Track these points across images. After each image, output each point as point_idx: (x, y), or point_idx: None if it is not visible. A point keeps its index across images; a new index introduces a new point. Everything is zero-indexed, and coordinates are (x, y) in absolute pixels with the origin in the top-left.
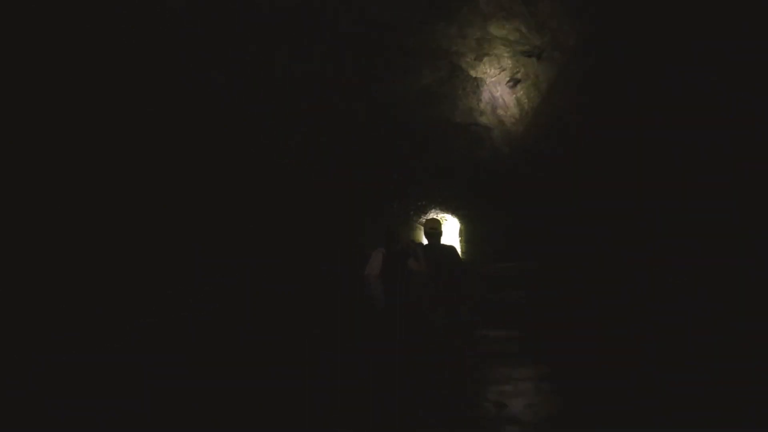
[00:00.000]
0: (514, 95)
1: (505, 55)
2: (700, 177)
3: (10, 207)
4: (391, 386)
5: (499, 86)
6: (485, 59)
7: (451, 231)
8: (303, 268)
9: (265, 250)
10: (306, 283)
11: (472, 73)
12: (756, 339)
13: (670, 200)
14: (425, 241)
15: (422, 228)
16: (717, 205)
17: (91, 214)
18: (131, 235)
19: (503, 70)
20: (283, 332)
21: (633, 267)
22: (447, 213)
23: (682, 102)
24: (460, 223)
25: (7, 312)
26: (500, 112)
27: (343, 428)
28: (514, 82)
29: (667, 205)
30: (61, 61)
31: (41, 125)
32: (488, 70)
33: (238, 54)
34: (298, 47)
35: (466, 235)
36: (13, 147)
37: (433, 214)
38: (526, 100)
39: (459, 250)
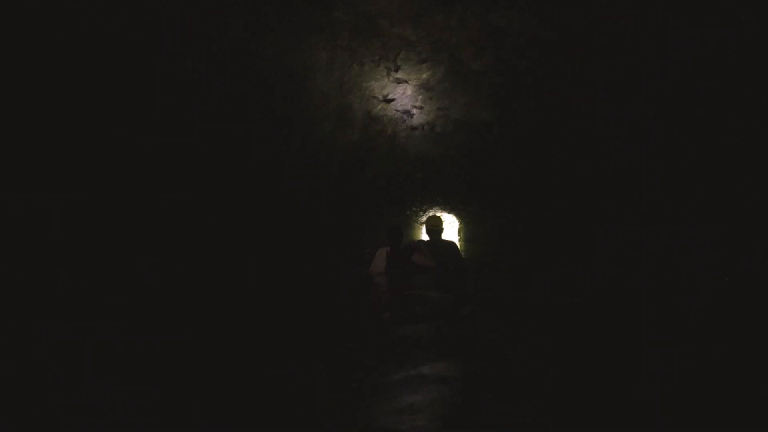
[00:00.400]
0: (516, 88)
1: (507, 46)
2: (700, 176)
3: (10, 207)
4: (391, 385)
5: (499, 79)
6: (486, 50)
7: (451, 230)
8: (302, 268)
9: (264, 250)
10: (305, 282)
11: (474, 66)
12: (756, 339)
13: (670, 200)
14: (426, 238)
15: (424, 225)
16: (716, 205)
17: (92, 215)
18: (130, 235)
19: (504, 61)
20: (283, 332)
21: (631, 267)
22: (446, 212)
23: (683, 102)
24: (459, 222)
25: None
26: (501, 106)
27: (343, 428)
28: (517, 75)
29: (667, 205)
30: (51, 60)
31: (42, 125)
32: (489, 62)
33: (238, 55)
34: (292, 43)
35: (465, 234)
36: (14, 147)
37: (433, 213)
38: (527, 93)
39: (459, 248)
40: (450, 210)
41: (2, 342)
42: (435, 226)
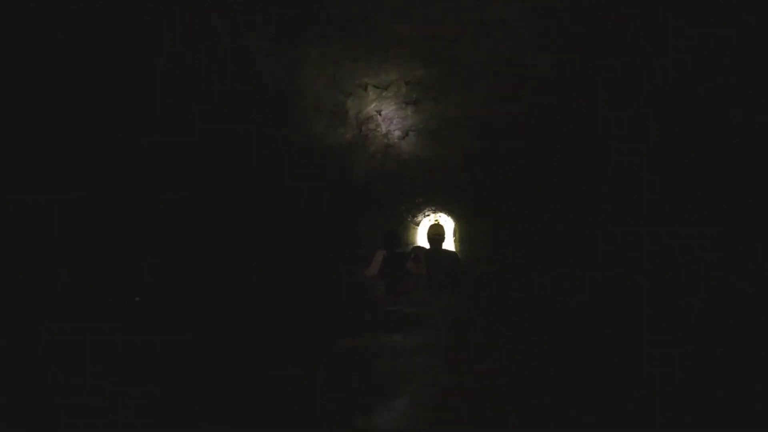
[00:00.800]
0: (513, 86)
1: (505, 41)
2: (700, 176)
3: (10, 207)
4: (390, 387)
5: (497, 76)
6: (483, 46)
7: (446, 229)
8: (302, 268)
9: (264, 250)
10: (305, 282)
11: (469, 60)
12: (756, 339)
13: (670, 200)
14: (428, 245)
15: (426, 232)
16: (716, 205)
17: (92, 215)
18: (130, 235)
19: (502, 56)
20: (283, 332)
21: (631, 267)
22: (442, 213)
23: (683, 102)
24: (454, 222)
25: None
26: (498, 105)
27: (342, 427)
28: (515, 72)
29: (667, 205)
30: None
31: (42, 125)
32: (486, 59)
33: (230, 51)
34: (283, 37)
35: (460, 234)
36: (14, 147)
37: (428, 214)
38: (526, 92)
39: (453, 249)
40: (445, 210)
41: (2, 342)
42: (437, 234)
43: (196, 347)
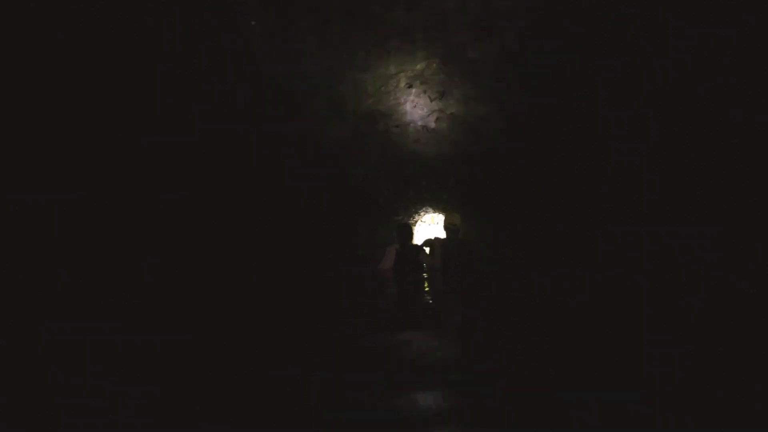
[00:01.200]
0: (517, 84)
1: (509, 33)
2: (700, 176)
3: (10, 207)
4: (390, 387)
5: (499, 70)
6: (486, 38)
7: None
8: (302, 268)
9: (264, 250)
10: (305, 282)
11: (471, 55)
12: (756, 339)
13: (670, 200)
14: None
15: (442, 223)
16: (716, 205)
17: (92, 215)
18: (130, 235)
19: (506, 49)
20: (283, 332)
21: (631, 267)
22: (441, 213)
23: (683, 102)
24: None
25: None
26: (499, 101)
27: (342, 428)
28: (518, 68)
29: (667, 205)
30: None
31: (42, 125)
32: (487, 57)
33: (237, 57)
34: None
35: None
36: (14, 147)
37: (428, 215)
38: (527, 90)
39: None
40: (445, 210)
41: (2, 342)
42: (452, 225)
43: (196, 347)
